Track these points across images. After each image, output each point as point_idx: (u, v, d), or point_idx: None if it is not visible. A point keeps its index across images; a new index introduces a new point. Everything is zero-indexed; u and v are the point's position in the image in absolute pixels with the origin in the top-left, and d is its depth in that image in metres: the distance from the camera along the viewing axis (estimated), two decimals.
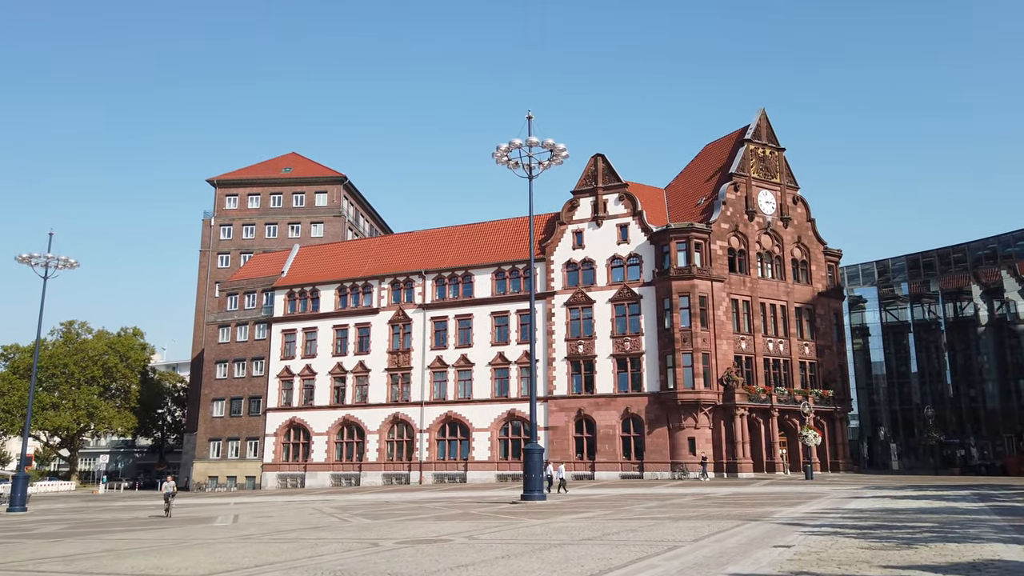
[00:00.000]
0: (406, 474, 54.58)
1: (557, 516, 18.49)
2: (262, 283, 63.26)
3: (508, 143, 28.71)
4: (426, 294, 56.68)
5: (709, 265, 48.90)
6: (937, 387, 63.08)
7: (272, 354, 60.66)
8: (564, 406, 50.89)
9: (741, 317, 49.68)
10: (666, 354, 48.12)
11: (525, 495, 27.03)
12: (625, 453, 49.21)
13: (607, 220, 52.25)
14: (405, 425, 55.61)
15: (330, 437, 57.52)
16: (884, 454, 63.21)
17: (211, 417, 62.67)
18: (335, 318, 59.05)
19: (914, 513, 16.14)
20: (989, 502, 19.60)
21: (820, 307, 52.80)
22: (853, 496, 24.39)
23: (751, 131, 52.95)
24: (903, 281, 64.26)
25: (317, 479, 56.94)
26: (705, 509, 20.01)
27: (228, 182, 74.77)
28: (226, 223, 73.92)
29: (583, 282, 52.02)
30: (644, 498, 27.46)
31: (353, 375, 57.63)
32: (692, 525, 14.43)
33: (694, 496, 27.59)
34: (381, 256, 60.44)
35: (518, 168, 30.11)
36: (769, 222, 52.06)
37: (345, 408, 57.40)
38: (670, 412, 47.65)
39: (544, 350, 52.17)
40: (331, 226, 72.53)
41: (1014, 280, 57.35)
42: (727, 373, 47.39)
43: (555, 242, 53.37)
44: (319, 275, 61.00)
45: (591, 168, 53.56)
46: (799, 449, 47.69)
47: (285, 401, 59.67)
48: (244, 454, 60.68)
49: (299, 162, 77.13)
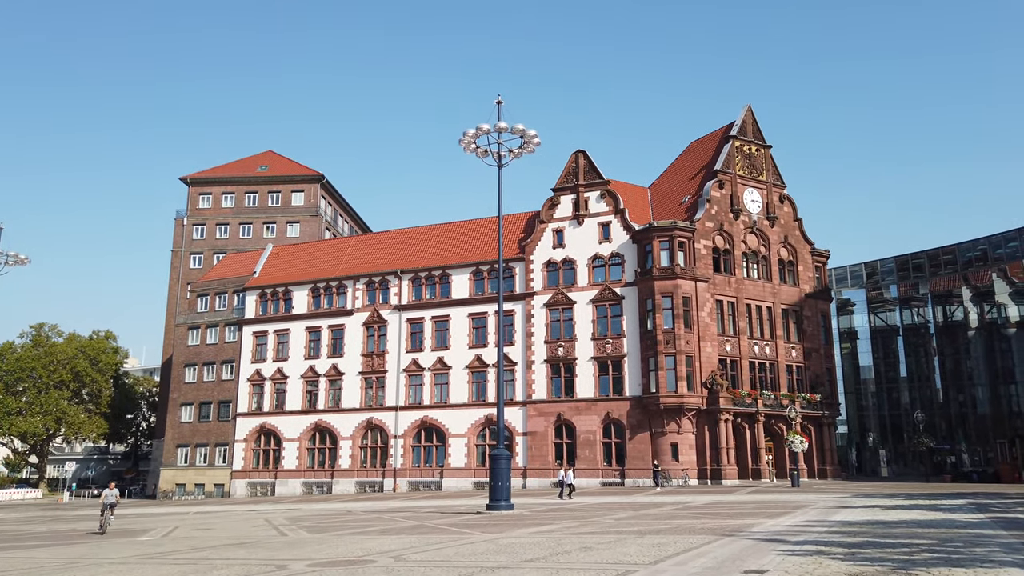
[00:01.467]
0: (380, 482, 52.55)
1: (514, 530, 16.68)
2: (233, 284, 61.17)
3: (475, 128, 26.94)
4: (402, 295, 54.78)
5: (693, 265, 47.27)
6: (926, 392, 61.70)
7: (243, 357, 58.54)
8: (543, 411, 49.06)
9: (726, 318, 48.05)
10: (648, 357, 46.42)
11: (491, 505, 25.18)
12: (606, 460, 47.41)
13: (588, 218, 50.58)
14: (379, 431, 53.61)
15: (301, 443, 55.43)
16: (873, 460, 61.72)
17: (179, 422, 60.44)
18: (308, 320, 57.03)
19: (909, 527, 14.40)
20: (988, 513, 17.92)
21: (807, 309, 51.26)
22: (841, 506, 22.68)
23: (736, 128, 51.46)
24: (892, 283, 62.91)
25: (288, 487, 54.81)
26: (679, 521, 18.24)
27: (202, 180, 72.69)
28: (199, 222, 71.79)
29: (563, 282, 50.29)
30: (619, 507, 25.67)
31: (326, 379, 55.60)
32: (658, 541, 12.64)
33: (672, 506, 25.82)
34: (356, 256, 58.51)
35: (487, 157, 28.37)
36: (755, 221, 50.52)
37: (317, 413, 55.34)
38: (652, 417, 45.91)
39: (523, 353, 50.38)
40: (308, 226, 70.54)
41: (1004, 283, 56.08)
42: (711, 376, 45.73)
43: (535, 241, 51.64)
44: (292, 275, 59.00)
45: (572, 165, 51.90)
46: (785, 455, 46.04)
47: (256, 406, 57.54)
48: (213, 461, 58.45)
49: (275, 160, 75.14)
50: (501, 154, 27.89)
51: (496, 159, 27.97)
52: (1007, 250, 55.23)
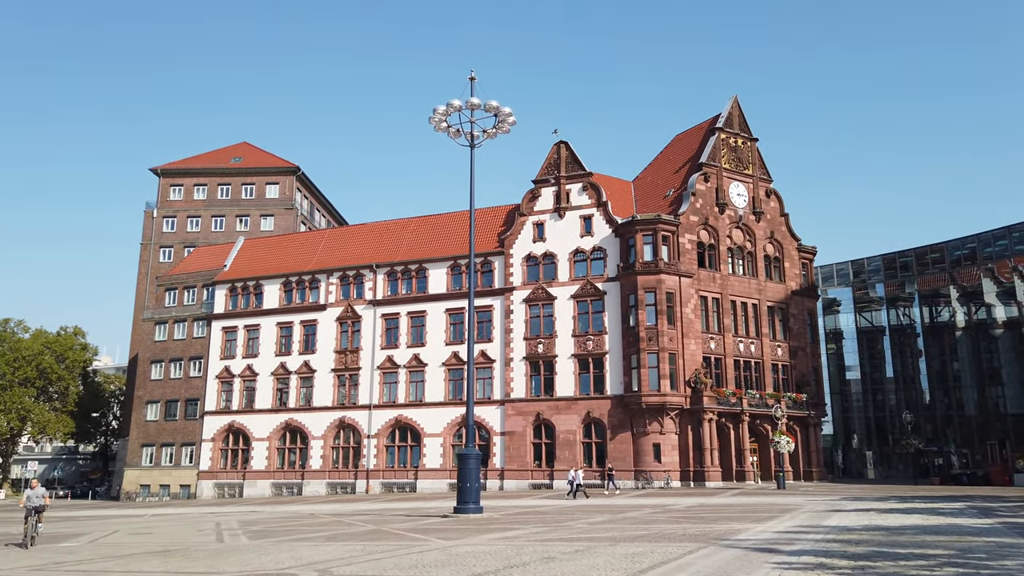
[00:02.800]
0: (352, 483, 50.58)
1: (475, 536, 14.97)
2: (203, 277, 58.97)
3: (446, 105, 25.20)
4: (377, 289, 52.87)
5: (677, 259, 45.78)
6: (912, 393, 60.68)
7: (211, 353, 56.36)
8: (522, 410, 47.35)
9: (710, 315, 46.59)
10: (631, 354, 44.84)
11: (459, 508, 23.45)
12: (586, 460, 45.72)
13: (570, 211, 48.96)
14: (352, 430, 51.64)
15: (271, 443, 53.35)
16: (858, 462, 60.60)
17: (144, 421, 58.11)
18: (279, 315, 54.97)
19: (915, 533, 12.83)
20: (995, 518, 16.42)
21: (793, 306, 49.92)
22: (832, 509, 21.15)
23: (723, 119, 50.06)
24: (879, 282, 61.85)
25: (256, 488, 52.68)
26: (659, 526, 16.60)
27: (173, 171, 70.35)
28: (170, 215, 69.43)
29: (544, 277, 48.62)
30: (596, 511, 24.01)
31: (297, 376, 53.56)
32: (632, 551, 10.98)
33: (652, 509, 24.19)
34: (330, 249, 56.53)
35: (460, 137, 26.65)
36: (741, 215, 49.14)
37: (288, 412, 53.29)
38: (634, 416, 44.33)
39: (501, 350, 48.66)
40: (282, 219, 68.41)
41: (992, 283, 55.14)
42: (695, 375, 44.23)
43: (514, 234, 49.94)
44: (263, 269, 56.92)
45: (553, 156, 50.27)
46: (771, 456, 44.63)
47: (224, 404, 55.37)
48: (179, 461, 56.19)
49: (250, 152, 72.93)
50: (474, 134, 26.20)
51: (468, 139, 26.27)
52: (996, 248, 54.29)
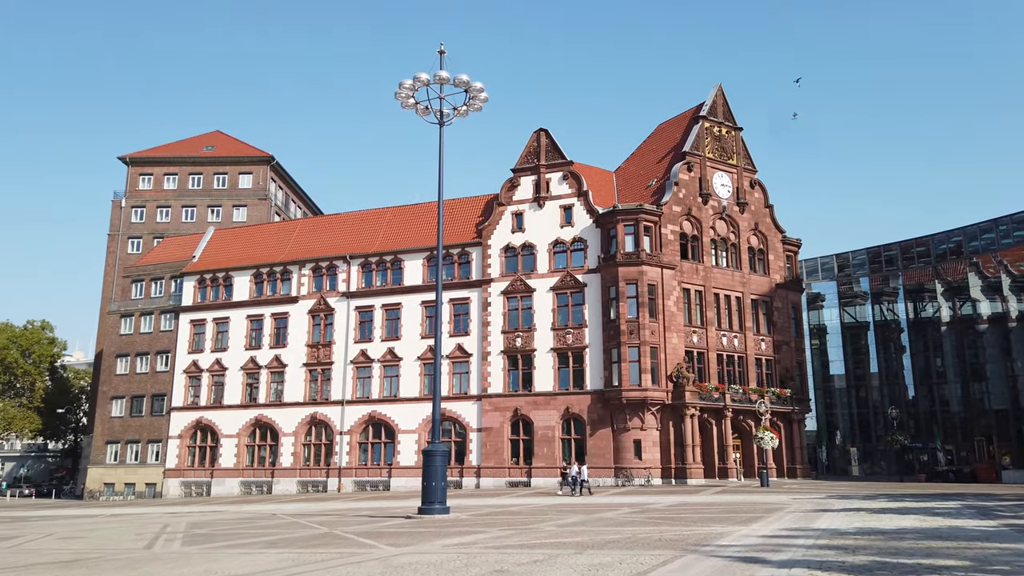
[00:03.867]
0: (324, 481, 48.97)
1: (429, 542, 13.51)
2: (171, 268, 57.00)
3: (413, 79, 23.64)
4: (351, 281, 51.23)
5: (659, 251, 44.53)
6: (896, 389, 59.91)
7: (179, 347, 54.47)
8: (499, 405, 45.94)
9: (693, 308, 45.41)
10: (611, 348, 43.55)
11: (424, 508, 21.92)
12: (565, 457, 44.39)
13: (550, 201, 47.58)
14: (324, 426, 49.99)
15: (240, 440, 51.57)
16: (842, 459, 59.77)
17: (109, 417, 56.09)
18: (249, 307, 53.19)
19: (916, 538, 11.52)
20: (998, 519, 15.19)
21: (777, 300, 48.85)
22: (820, 509, 19.88)
23: (706, 108, 48.89)
24: (863, 276, 60.99)
25: (225, 487, 50.92)
26: (634, 529, 15.21)
27: (142, 160, 68.22)
28: (138, 205, 67.30)
29: (523, 268, 47.23)
30: (570, 510, 22.61)
31: (268, 371, 51.82)
32: (598, 562, 9.57)
33: (630, 508, 22.82)
34: (303, 240, 54.78)
35: (429, 115, 25.09)
36: (724, 206, 47.97)
37: (258, 407, 51.55)
38: (614, 412, 43.06)
39: (478, 343, 47.22)
40: (255, 210, 66.50)
41: (977, 277, 54.42)
42: (677, 369, 43.01)
43: (493, 224, 48.49)
44: (234, 260, 55.09)
45: (533, 144, 48.85)
46: (754, 453, 43.53)
47: (192, 399, 53.53)
48: (145, 459, 54.26)
49: (223, 141, 70.93)
50: (443, 111, 24.66)
51: (437, 116, 24.72)
52: (981, 242, 53.54)
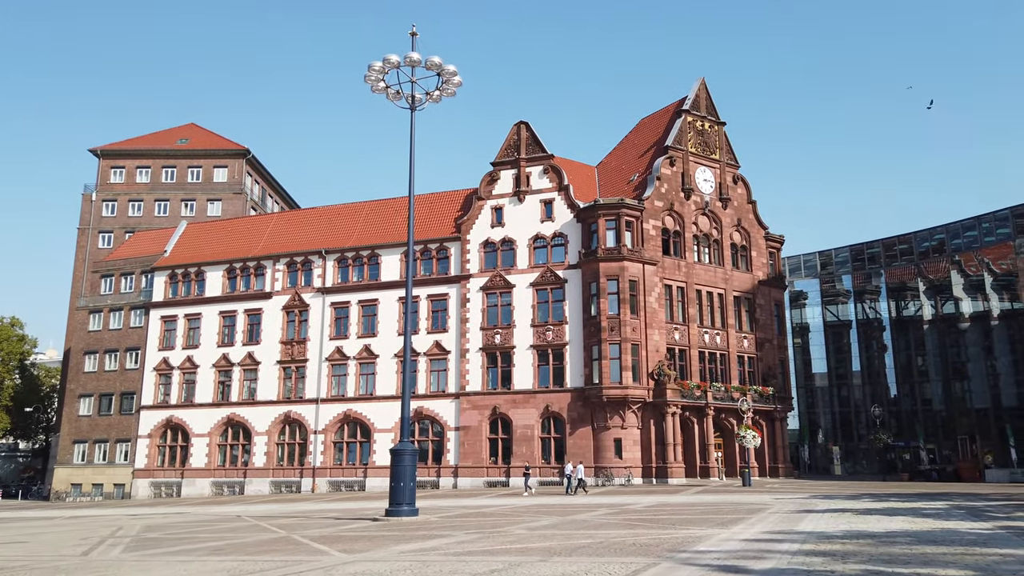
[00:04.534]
0: (297, 481, 47.73)
1: (386, 548, 12.51)
2: (141, 263, 55.47)
3: (383, 61, 22.60)
4: (326, 276, 50.01)
5: (641, 246, 43.73)
6: (878, 388, 59.58)
7: (149, 344, 52.98)
8: (477, 403, 44.94)
9: (675, 305, 44.67)
10: (592, 345, 42.70)
11: (391, 510, 21.00)
12: (544, 456, 43.54)
13: (530, 195, 46.65)
14: (298, 425, 48.75)
15: (212, 439, 50.20)
16: (824, 458, 59.35)
17: (77, 416, 54.47)
18: (222, 303, 51.82)
19: (908, 542, 10.67)
20: (992, 521, 14.42)
21: (760, 296, 48.24)
22: (804, 510, 19.08)
23: (689, 102, 48.17)
24: (846, 273, 60.60)
25: (196, 487, 49.53)
26: (608, 532, 14.29)
27: (114, 152, 66.50)
28: (110, 198, 65.58)
29: (502, 264, 46.27)
30: (545, 512, 21.69)
31: (240, 368, 50.48)
32: (562, 571, 8.65)
33: (608, 509, 21.93)
34: (278, 234, 53.46)
35: (400, 99, 24.05)
36: (707, 202, 47.28)
37: (230, 406, 50.20)
38: (595, 410, 42.21)
39: (456, 340, 46.19)
40: (230, 204, 65.00)
41: (960, 275, 54.18)
42: (658, 366, 42.23)
43: (472, 219, 47.47)
44: (206, 254, 53.67)
45: (513, 137, 47.90)
46: (736, 452, 42.84)
47: (162, 398, 52.07)
48: (113, 458, 52.71)
49: (197, 133, 69.32)
50: (415, 95, 23.64)
51: (409, 101, 23.69)
52: (964, 240, 53.26)
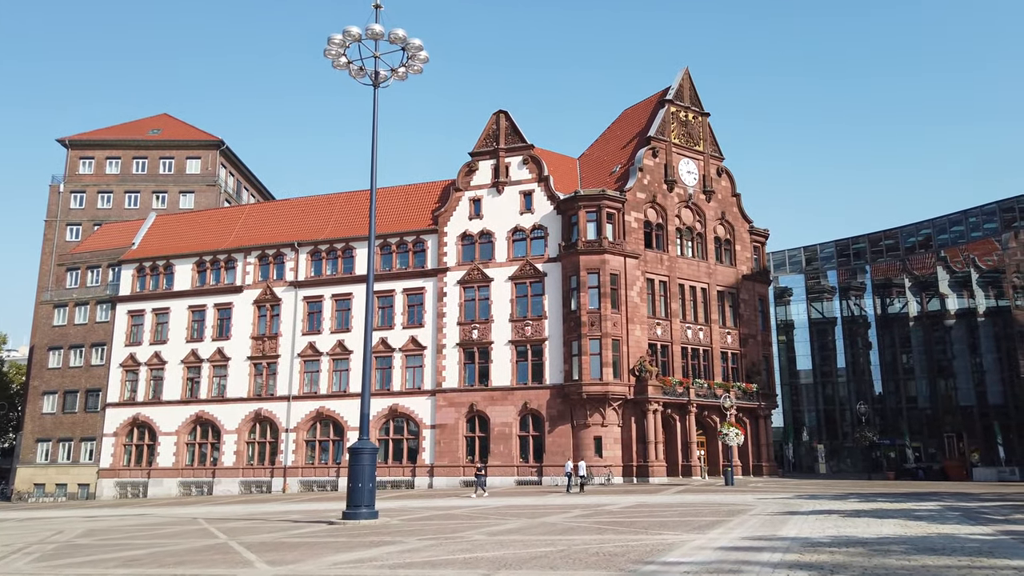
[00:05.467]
0: (268, 481, 46.19)
1: (322, 557, 11.20)
2: (108, 256, 53.67)
3: (343, 33, 21.20)
4: (299, 270, 48.49)
5: (622, 239, 42.55)
6: (863, 386, 58.78)
7: (115, 339, 51.23)
8: (454, 400, 43.61)
9: (657, 299, 43.53)
10: (571, 340, 41.48)
11: (348, 512, 19.50)
12: (522, 455, 42.29)
13: (509, 186, 45.35)
14: (269, 423, 47.21)
15: (180, 437, 48.55)
16: (809, 456, 58.49)
17: (40, 414, 52.64)
18: (191, 297, 50.16)
19: (906, 552, 9.47)
20: (991, 525, 13.28)
21: (744, 291, 47.21)
22: (788, 511, 17.91)
23: (673, 92, 47.04)
24: (831, 269, 59.75)
25: (163, 487, 47.87)
26: (573, 538, 13.03)
27: (83, 143, 64.55)
28: (78, 190, 63.65)
29: (480, 257, 44.95)
30: (516, 513, 20.41)
31: (210, 364, 48.85)
32: None
33: (582, 511, 20.68)
34: (250, 226, 51.84)
35: (364, 76, 22.67)
36: (691, 194, 46.17)
37: (199, 403, 48.56)
38: (574, 407, 40.99)
39: (433, 335, 44.84)
40: (203, 196, 63.24)
41: (946, 271, 53.46)
42: (640, 362, 41.06)
43: (449, 211, 46.12)
44: (175, 247, 51.97)
45: (492, 127, 46.57)
46: (719, 450, 41.75)
47: (128, 395, 50.35)
48: (78, 458, 50.93)
49: (170, 124, 67.46)
50: (378, 71, 22.27)
51: (372, 77, 22.31)
52: (951, 235, 52.50)
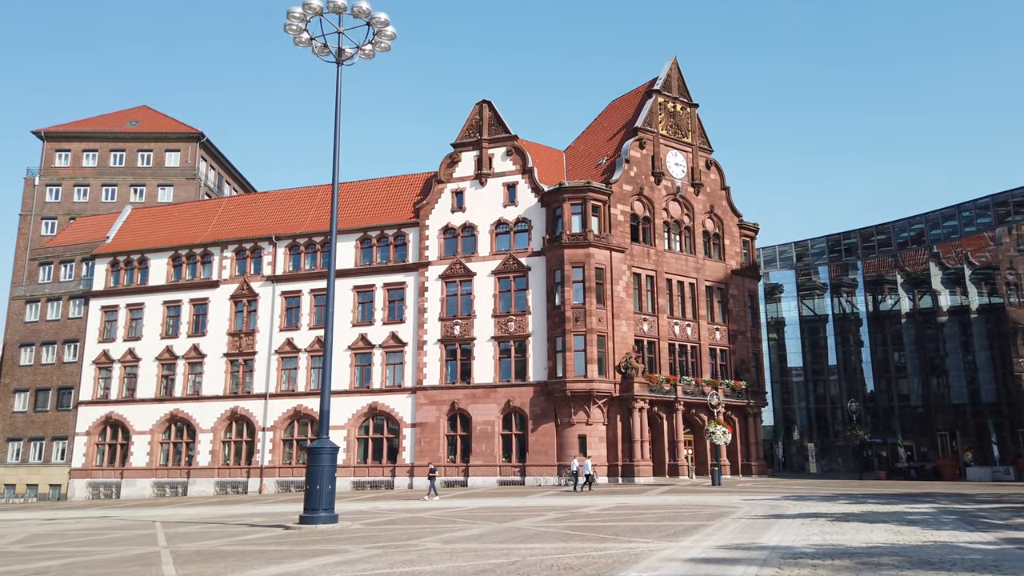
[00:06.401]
0: (244, 482, 44.89)
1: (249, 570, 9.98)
2: (82, 250, 52.23)
3: (303, 6, 19.95)
4: (276, 264, 47.19)
5: (608, 232, 41.41)
6: (854, 384, 57.84)
7: (88, 336, 49.81)
8: (435, 398, 42.40)
9: (644, 294, 42.40)
10: (555, 336, 40.32)
11: (305, 516, 18.27)
12: (505, 455, 41.11)
13: (492, 178, 44.15)
14: (245, 422, 45.91)
15: (154, 437, 47.20)
16: (800, 456, 57.51)
17: (11, 412, 51.19)
18: (166, 292, 48.80)
19: (898, 564, 8.32)
20: (991, 531, 12.16)
21: (733, 287, 46.14)
22: (772, 514, 16.79)
23: (660, 82, 45.93)
24: (822, 265, 58.75)
25: (136, 488, 46.52)
26: (533, 546, 11.87)
27: (59, 135, 63.00)
28: (54, 183, 62.10)
29: (462, 251, 43.75)
30: (486, 516, 19.23)
31: (185, 361, 47.50)
32: None
33: (556, 513, 19.52)
34: (227, 219, 50.49)
35: (328, 54, 21.44)
36: (679, 187, 45.06)
37: (174, 401, 47.22)
38: (558, 405, 39.83)
39: (414, 331, 43.62)
40: (183, 190, 61.79)
41: (938, 268, 52.55)
42: (625, 359, 39.93)
43: (431, 203, 44.88)
44: (151, 241, 50.57)
45: (475, 117, 45.35)
46: (707, 449, 40.67)
47: (102, 393, 48.96)
48: (49, 457, 49.50)
49: (149, 116, 65.98)
50: (342, 48, 21.03)
51: (335, 54, 21.08)
52: (944, 230, 51.57)
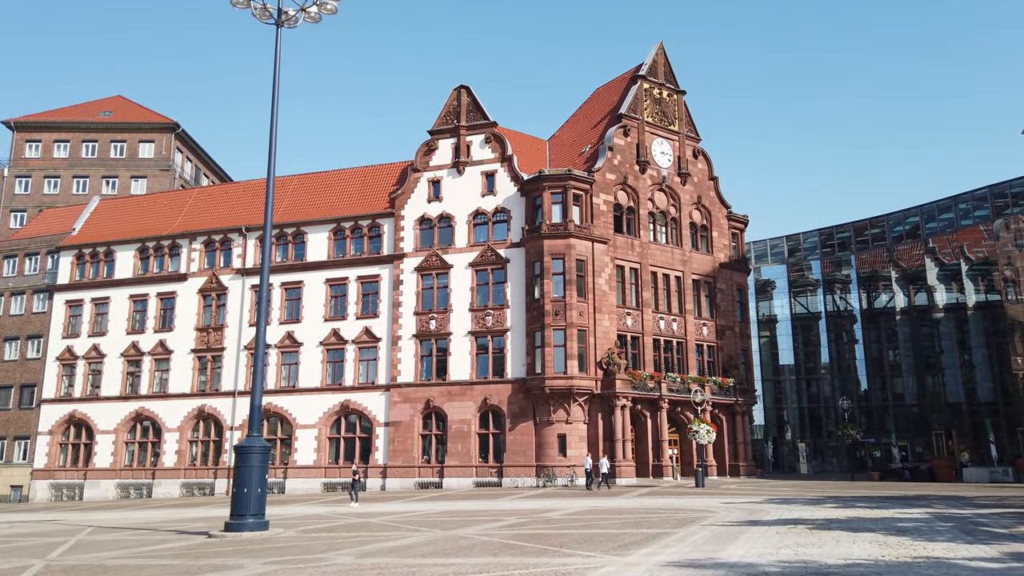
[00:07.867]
0: (211, 483, 42.96)
1: None
2: (47, 243, 50.25)
3: None
4: (247, 256, 45.32)
5: (590, 222, 39.60)
6: (848, 382, 56.16)
7: (52, 331, 47.85)
8: (409, 396, 40.54)
9: (627, 288, 40.59)
10: (535, 331, 38.48)
11: (232, 523, 16.50)
12: (482, 455, 39.25)
13: (471, 167, 42.31)
14: (213, 421, 43.98)
15: (119, 436, 45.25)
16: (791, 456, 55.80)
17: None
18: (133, 286, 46.83)
19: None
20: (992, 542, 10.42)
21: (721, 280, 44.37)
22: (749, 520, 15.03)
23: (646, 67, 44.13)
24: (815, 259, 57.03)
25: (100, 489, 44.56)
26: (466, 561, 10.12)
27: (29, 125, 61.04)
28: (24, 174, 60.14)
29: (439, 242, 41.88)
30: (438, 523, 17.45)
31: (151, 358, 45.57)
32: None
33: (517, 518, 17.75)
34: (197, 211, 48.57)
35: (269, 18, 19.68)
36: (664, 176, 43.29)
37: (139, 399, 45.26)
38: (537, 403, 38.00)
39: (388, 326, 41.76)
40: (157, 182, 59.85)
41: (934, 263, 50.91)
42: (608, 355, 38.11)
43: (407, 193, 43.04)
44: (118, 233, 48.65)
45: (453, 103, 43.50)
46: (693, 449, 38.87)
47: (65, 390, 46.97)
48: (11, 457, 47.50)
49: (123, 106, 64.05)
50: (281, 8, 19.27)
51: (274, 15, 19.31)
52: (939, 223, 49.90)
